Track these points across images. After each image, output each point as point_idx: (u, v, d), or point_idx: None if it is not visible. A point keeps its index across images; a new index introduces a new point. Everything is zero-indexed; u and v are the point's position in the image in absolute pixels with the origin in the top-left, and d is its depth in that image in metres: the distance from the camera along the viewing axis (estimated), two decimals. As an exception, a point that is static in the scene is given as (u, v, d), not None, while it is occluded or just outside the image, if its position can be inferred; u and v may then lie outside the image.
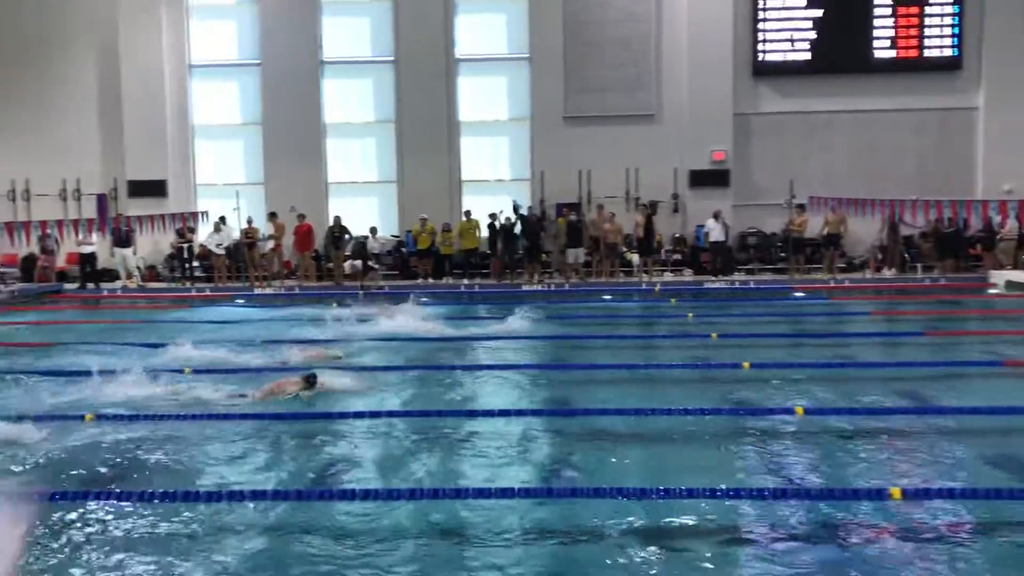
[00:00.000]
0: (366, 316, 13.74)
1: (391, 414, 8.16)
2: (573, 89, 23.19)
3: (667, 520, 5.52)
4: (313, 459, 7.01)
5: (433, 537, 5.36)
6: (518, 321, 13.70)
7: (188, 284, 21.41)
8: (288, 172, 23.22)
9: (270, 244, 21.71)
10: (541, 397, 9.18)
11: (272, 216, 21.63)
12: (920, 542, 5.21)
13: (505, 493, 5.84)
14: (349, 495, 5.97)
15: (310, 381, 8.74)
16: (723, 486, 5.94)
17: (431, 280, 21.26)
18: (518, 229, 21.14)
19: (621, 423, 7.84)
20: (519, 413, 8.15)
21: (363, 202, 23.96)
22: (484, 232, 21.61)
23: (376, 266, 21.92)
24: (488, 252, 21.75)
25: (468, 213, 21.71)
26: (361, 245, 22.31)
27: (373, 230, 22.56)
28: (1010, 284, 18.86)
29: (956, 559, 4.97)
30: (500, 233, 21.29)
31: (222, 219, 21.56)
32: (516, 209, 21.29)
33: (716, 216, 21.32)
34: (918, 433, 7.49)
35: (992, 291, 18.92)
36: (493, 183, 23.86)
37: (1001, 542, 5.22)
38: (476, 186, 23.63)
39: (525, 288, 20.09)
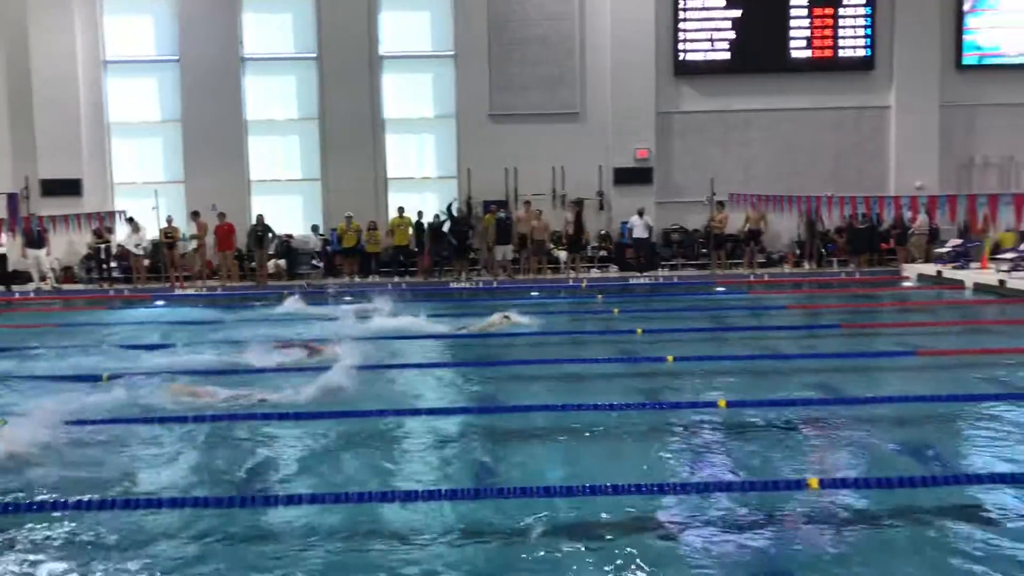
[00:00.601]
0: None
1: (314, 416, 8.06)
2: (498, 87, 23.24)
3: (594, 517, 5.58)
4: (239, 462, 6.89)
5: (360, 541, 5.32)
6: (442, 319, 13.72)
7: (106, 286, 20.80)
8: (209, 170, 22.73)
9: (192, 244, 21.24)
10: (468, 395, 9.18)
11: (194, 215, 21.16)
12: (837, 531, 5.37)
13: (432, 495, 5.83)
14: (273, 501, 5.89)
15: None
16: (648, 481, 6.03)
17: (357, 279, 21.06)
18: (447, 227, 21.10)
19: (547, 420, 7.89)
20: (445, 412, 8.13)
21: (287, 200, 23.61)
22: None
23: (319, 264, 21.67)
24: (416, 250, 21.66)
25: (401, 210, 21.56)
26: (286, 244, 22.02)
27: (315, 228, 22.37)
28: (922, 277, 19.58)
29: (871, 547, 5.14)
30: (428, 231, 21.21)
31: (131, 220, 21.07)
32: (449, 207, 21.24)
33: (640, 213, 21.62)
34: (836, 423, 7.72)
35: (905, 284, 19.59)
36: (419, 181, 23.77)
37: (914, 529, 5.41)
38: (402, 184, 23.48)
39: (453, 286, 20.07)
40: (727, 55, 23.27)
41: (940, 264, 19.60)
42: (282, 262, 21.75)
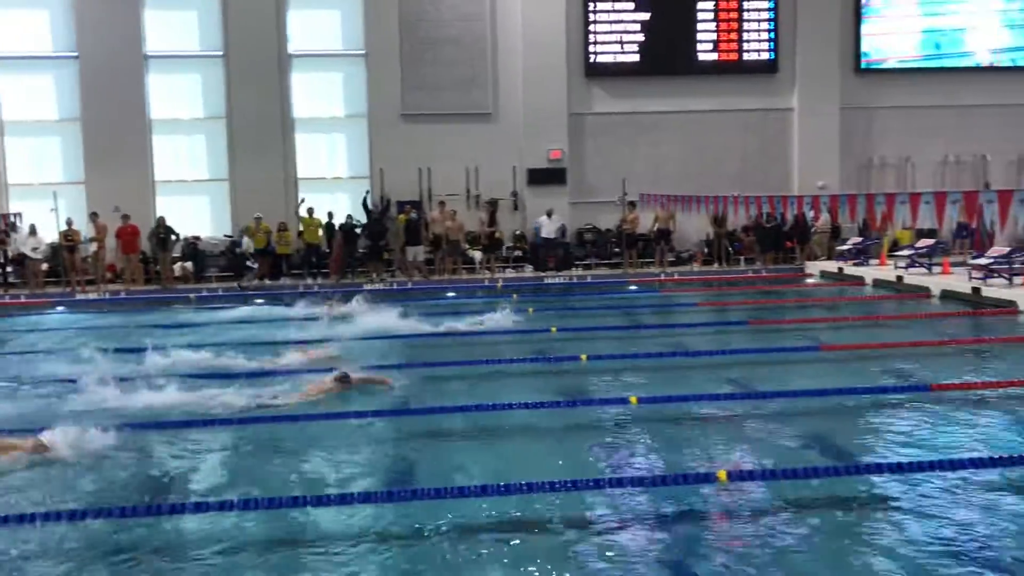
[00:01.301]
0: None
1: (224, 422, 7.87)
2: (410, 86, 23.09)
3: (508, 515, 5.58)
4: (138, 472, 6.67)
5: (273, 547, 5.21)
6: (362, 321, 13.60)
7: (1, 291, 19.89)
8: (111, 171, 21.93)
9: (93, 246, 20.48)
10: (383, 397, 9.09)
11: (93, 216, 20.41)
12: (745, 522, 5.49)
13: (344, 499, 5.75)
14: (178, 508, 5.72)
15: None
16: (562, 478, 6.06)
17: (267, 281, 20.64)
18: (360, 227, 20.89)
19: (462, 420, 7.87)
20: (359, 415, 8.03)
21: (193, 201, 23.00)
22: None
23: (254, 265, 21.18)
24: (328, 251, 21.36)
25: (311, 210, 21.21)
26: (192, 246, 21.44)
27: (246, 229, 21.80)
28: (824, 274, 20.24)
29: (778, 537, 5.27)
30: (339, 232, 20.95)
31: (12, 226, 20.25)
32: (365, 201, 21.00)
33: (548, 214, 21.81)
34: (744, 417, 7.91)
35: (809, 281, 20.23)
36: (330, 181, 23.44)
37: (820, 518, 5.57)
38: (313, 184, 23.11)
39: (367, 287, 19.82)
40: (637, 57, 23.61)
41: (842, 261, 20.28)
42: (189, 264, 21.16)
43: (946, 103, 24.24)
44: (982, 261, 15.63)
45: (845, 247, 20.66)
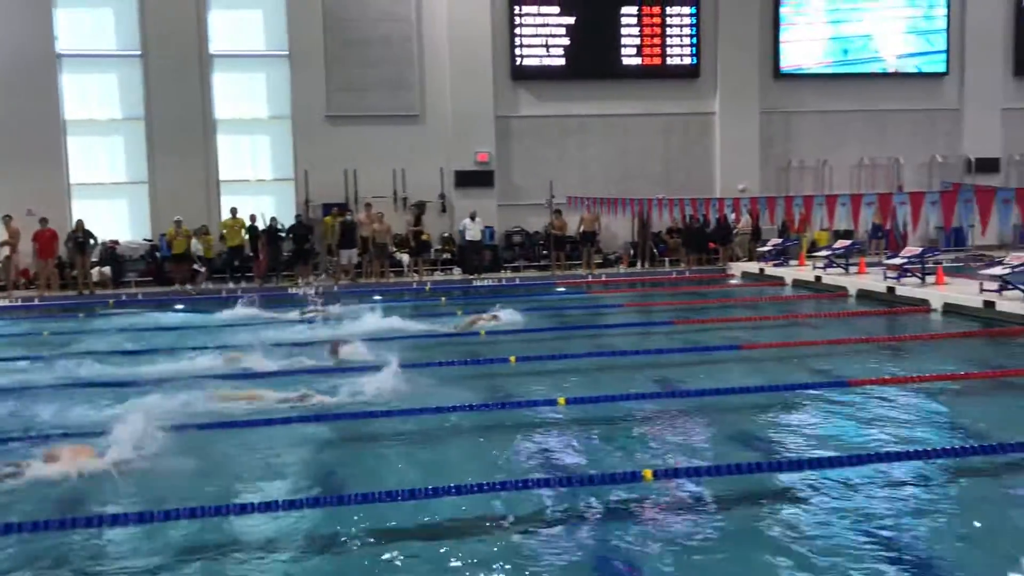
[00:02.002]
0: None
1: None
2: (335, 88, 22.85)
3: (438, 519, 5.57)
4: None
5: (197, 557, 5.10)
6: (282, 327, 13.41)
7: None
8: (23, 173, 21.08)
9: (5, 250, 19.73)
10: (309, 401, 8.96)
11: (6, 219, 19.65)
12: (671, 520, 5.57)
13: (269, 507, 5.65)
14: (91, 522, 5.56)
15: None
16: (490, 480, 6.08)
17: (188, 287, 20.19)
18: (284, 232, 20.61)
19: (391, 424, 7.82)
20: (285, 421, 7.91)
21: (111, 205, 22.34)
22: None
23: (202, 268, 20.65)
24: (251, 255, 21.00)
25: (234, 211, 20.83)
26: (110, 251, 20.84)
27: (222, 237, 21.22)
28: (746, 274, 20.68)
29: (702, 533, 5.36)
30: (263, 235, 20.62)
31: None
32: (272, 223, 20.79)
33: (472, 216, 21.84)
34: (669, 416, 8.04)
35: (731, 281, 20.64)
36: (254, 183, 23.04)
37: (743, 513, 5.69)
38: (235, 186, 22.68)
39: (292, 291, 19.54)
40: (562, 61, 23.79)
41: (762, 262, 20.76)
42: (107, 269, 20.55)
43: (859, 108, 25.06)
44: (896, 261, 16.16)
45: (766, 248, 21.12)
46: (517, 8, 23.51)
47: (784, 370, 10.02)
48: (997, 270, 13.62)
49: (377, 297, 18.51)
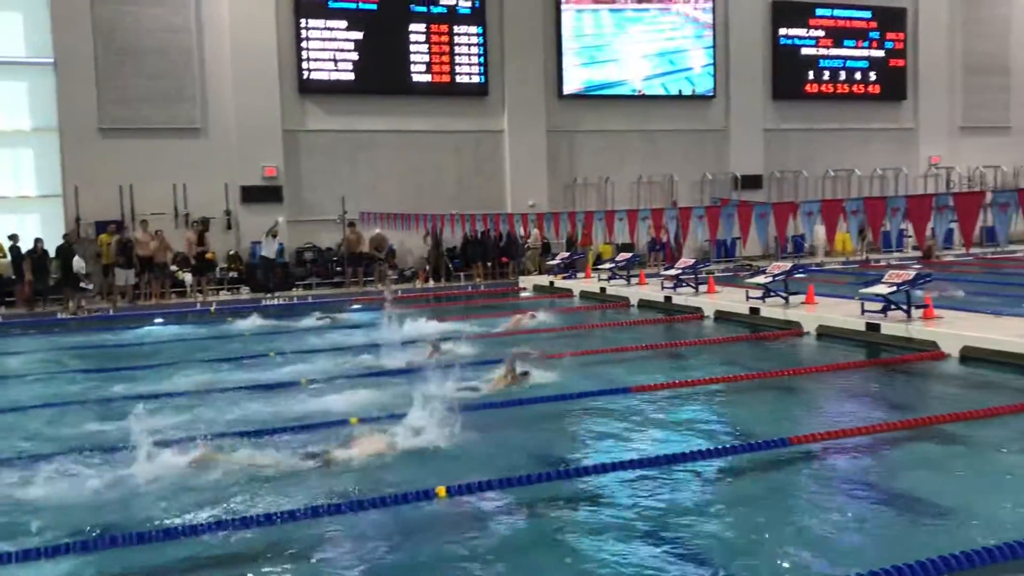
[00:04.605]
0: None
1: None
2: (108, 99, 21.50)
3: (214, 553, 5.35)
4: None
5: None
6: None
7: None
8: None
9: None
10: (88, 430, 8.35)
11: None
12: (466, 535, 5.63)
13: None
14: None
15: None
16: (275, 509, 5.91)
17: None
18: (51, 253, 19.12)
19: (170, 452, 7.40)
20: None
21: None
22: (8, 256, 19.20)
23: (89, 287, 18.55)
24: (14, 278, 19.33)
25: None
26: None
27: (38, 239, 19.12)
28: (537, 287, 21.30)
29: (502, 545, 5.45)
30: (27, 258, 19.02)
31: None
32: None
33: (274, 233, 21.22)
34: (462, 431, 8.06)
35: (523, 294, 21.18)
36: (15, 200, 21.25)
37: (538, 522, 5.85)
38: (-6, 204, 20.86)
39: (61, 316, 18.17)
40: (351, 75, 23.60)
41: (552, 275, 21.45)
42: None
43: (636, 128, 26.51)
44: (672, 272, 17.19)
45: (554, 262, 21.84)
46: (304, 22, 23.12)
47: (571, 378, 10.33)
48: (760, 279, 14.77)
49: (158, 320, 17.59)
